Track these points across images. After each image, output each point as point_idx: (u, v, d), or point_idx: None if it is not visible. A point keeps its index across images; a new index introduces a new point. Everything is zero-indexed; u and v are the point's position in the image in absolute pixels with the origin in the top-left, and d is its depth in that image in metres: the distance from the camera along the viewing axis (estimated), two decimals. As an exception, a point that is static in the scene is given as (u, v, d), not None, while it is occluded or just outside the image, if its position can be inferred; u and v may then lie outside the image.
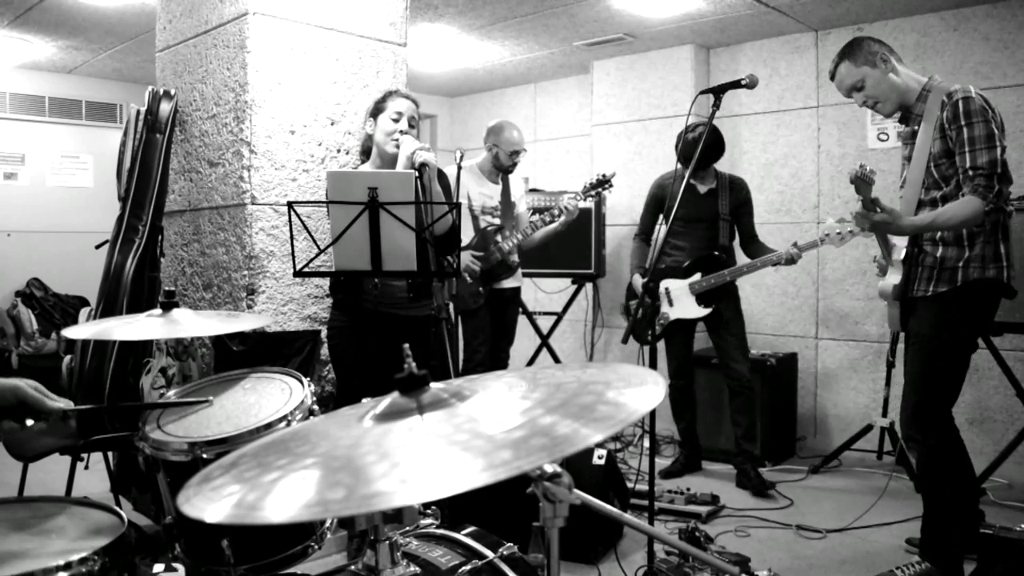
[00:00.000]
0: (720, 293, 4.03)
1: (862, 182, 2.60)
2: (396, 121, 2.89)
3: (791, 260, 3.84)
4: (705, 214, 4.08)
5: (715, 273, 4.00)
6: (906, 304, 2.79)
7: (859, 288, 4.81)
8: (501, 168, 4.09)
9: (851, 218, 2.93)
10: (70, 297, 6.38)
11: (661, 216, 4.16)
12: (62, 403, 1.58)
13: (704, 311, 4.05)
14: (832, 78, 2.83)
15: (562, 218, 3.95)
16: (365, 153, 3.07)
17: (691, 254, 4.08)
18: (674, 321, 4.10)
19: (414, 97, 2.98)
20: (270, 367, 2.04)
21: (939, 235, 2.64)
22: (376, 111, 2.96)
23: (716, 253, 4.05)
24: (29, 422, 1.53)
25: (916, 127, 2.71)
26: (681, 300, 4.09)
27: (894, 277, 2.84)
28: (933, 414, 2.66)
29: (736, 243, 4.19)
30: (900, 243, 2.85)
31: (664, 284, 4.11)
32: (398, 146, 2.83)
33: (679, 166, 4.03)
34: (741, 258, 4.13)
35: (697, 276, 4.04)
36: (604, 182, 4.05)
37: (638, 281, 4.14)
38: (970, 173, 2.51)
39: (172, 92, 3.39)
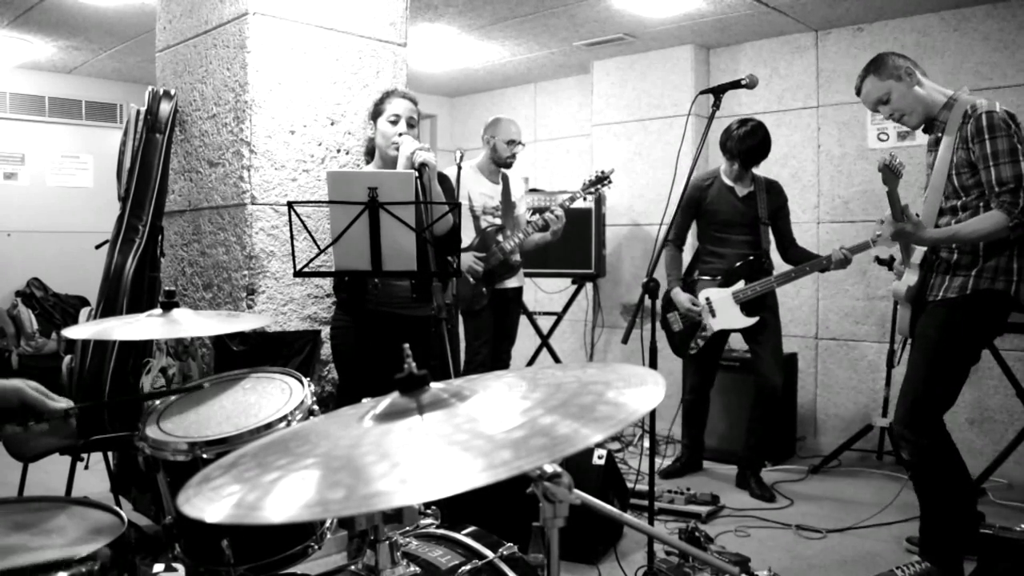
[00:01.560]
0: (761, 301, 3.87)
1: (889, 171, 2.58)
2: (394, 124, 2.89)
3: (840, 264, 3.70)
4: (745, 218, 3.92)
5: (760, 281, 3.83)
6: (918, 306, 2.81)
7: (859, 288, 4.81)
8: (500, 162, 4.06)
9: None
10: (70, 297, 6.38)
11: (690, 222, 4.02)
12: (63, 403, 1.58)
13: (750, 321, 3.86)
14: (858, 93, 2.82)
15: (551, 228, 3.89)
16: (369, 154, 3.08)
17: (731, 261, 3.91)
18: (715, 333, 3.94)
19: (412, 96, 2.98)
20: (270, 367, 2.03)
21: None
22: (375, 114, 2.96)
23: (760, 258, 3.89)
24: (32, 424, 1.53)
25: (940, 134, 2.71)
26: (724, 310, 3.90)
27: (910, 278, 2.84)
28: (927, 416, 2.68)
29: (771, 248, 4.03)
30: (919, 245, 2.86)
31: (704, 294, 3.94)
32: (398, 149, 2.83)
33: (728, 164, 3.93)
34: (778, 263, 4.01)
35: (740, 284, 3.87)
36: (603, 178, 4.05)
37: (681, 297, 3.95)
38: (996, 189, 2.52)
39: (172, 92, 3.39)
